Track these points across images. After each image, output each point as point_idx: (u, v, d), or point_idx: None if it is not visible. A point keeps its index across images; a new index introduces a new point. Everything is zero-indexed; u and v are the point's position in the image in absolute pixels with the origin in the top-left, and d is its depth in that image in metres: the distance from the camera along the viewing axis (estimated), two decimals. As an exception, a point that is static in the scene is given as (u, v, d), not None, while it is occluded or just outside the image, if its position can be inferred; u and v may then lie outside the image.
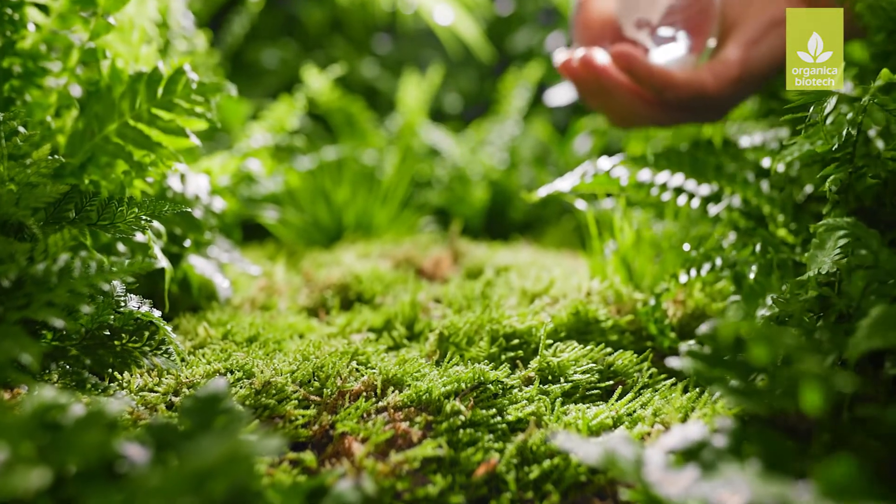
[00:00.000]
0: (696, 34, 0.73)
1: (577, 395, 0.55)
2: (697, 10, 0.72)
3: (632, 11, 0.73)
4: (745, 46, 0.71)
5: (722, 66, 0.70)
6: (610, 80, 0.72)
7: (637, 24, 0.73)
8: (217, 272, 0.74)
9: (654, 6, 0.72)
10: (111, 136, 0.63)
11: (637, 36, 0.73)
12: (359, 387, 0.55)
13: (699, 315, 0.66)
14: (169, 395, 0.54)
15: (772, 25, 0.71)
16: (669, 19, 0.72)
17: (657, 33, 0.72)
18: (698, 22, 0.72)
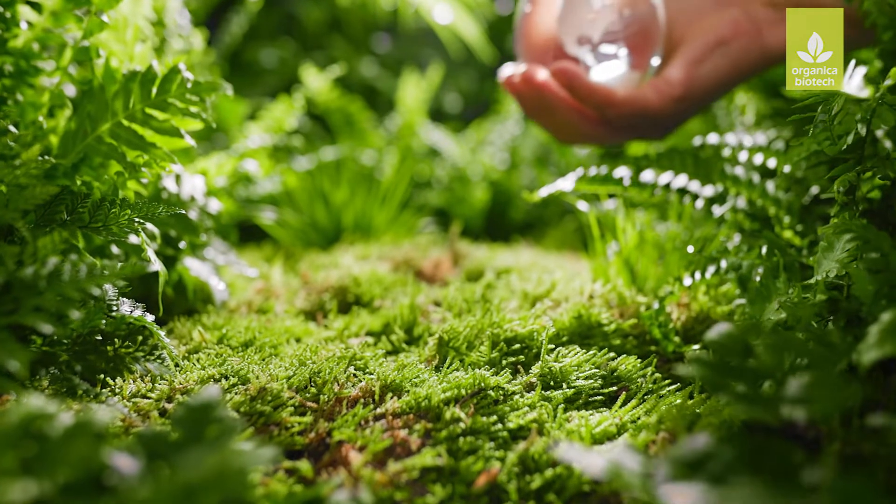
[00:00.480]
0: (638, 52, 0.72)
1: (579, 401, 0.54)
2: (639, 29, 0.71)
3: (573, 28, 0.72)
4: (689, 65, 0.70)
5: (665, 84, 0.70)
6: (551, 98, 0.71)
7: (578, 41, 0.72)
8: (213, 275, 0.73)
9: (595, 23, 0.71)
10: (104, 137, 0.62)
11: (578, 53, 0.72)
12: (357, 393, 0.54)
13: (703, 318, 0.65)
14: (162, 401, 0.52)
15: (717, 45, 0.71)
16: (610, 37, 0.71)
17: (598, 50, 0.72)
18: (640, 40, 0.72)
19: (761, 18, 0.72)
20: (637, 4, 0.72)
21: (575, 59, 0.72)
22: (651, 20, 0.72)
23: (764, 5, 0.72)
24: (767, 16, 0.72)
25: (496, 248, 1.00)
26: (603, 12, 0.71)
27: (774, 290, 0.60)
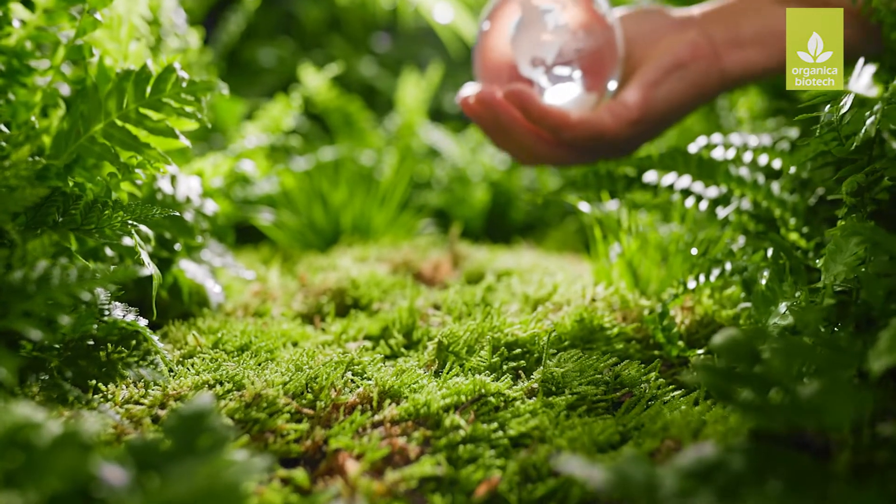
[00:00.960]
0: (594, 74, 0.71)
1: (582, 407, 0.52)
2: (595, 51, 0.71)
3: (527, 50, 0.71)
4: (645, 88, 0.70)
5: (621, 107, 0.69)
6: (506, 120, 0.70)
7: (532, 63, 0.71)
8: (209, 277, 0.72)
9: (550, 45, 0.71)
10: (97, 137, 0.61)
11: (532, 75, 0.71)
12: (354, 399, 0.52)
13: (708, 322, 0.64)
14: (155, 408, 0.51)
15: (674, 67, 0.70)
16: (565, 59, 0.71)
17: (552, 72, 0.71)
18: (596, 62, 0.71)
19: (720, 41, 0.71)
20: (592, 27, 0.71)
21: (529, 81, 0.71)
22: (607, 42, 0.71)
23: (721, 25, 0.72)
24: (726, 38, 0.71)
25: (496, 250, 0.99)
26: (557, 34, 0.71)
27: (780, 293, 0.59)
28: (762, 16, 0.71)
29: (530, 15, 0.72)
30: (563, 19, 0.71)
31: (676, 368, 0.59)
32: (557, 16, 0.71)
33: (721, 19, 0.72)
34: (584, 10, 0.71)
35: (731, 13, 0.72)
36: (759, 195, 0.68)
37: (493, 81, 0.73)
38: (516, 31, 0.72)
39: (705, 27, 0.72)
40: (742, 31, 0.71)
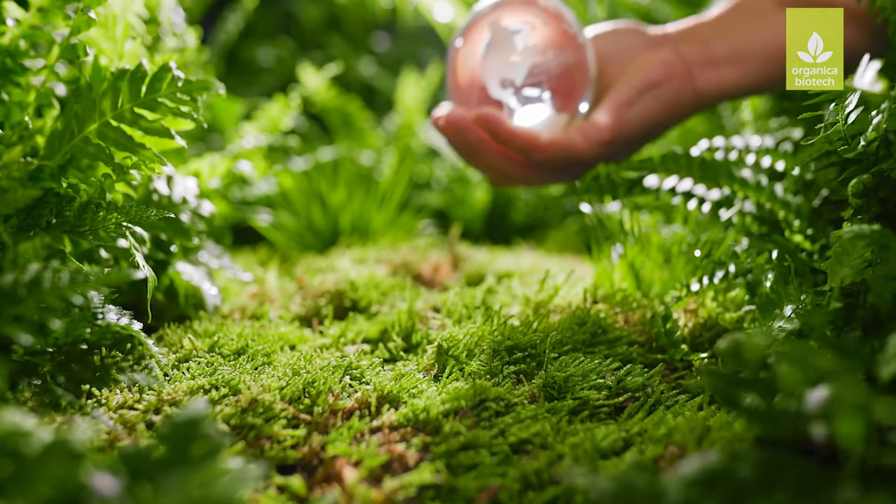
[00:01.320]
0: (565, 95, 0.71)
1: (584, 412, 0.51)
2: (565, 71, 0.70)
3: (496, 71, 0.70)
4: (617, 109, 0.69)
5: (592, 128, 0.69)
6: (475, 142, 0.70)
7: (501, 84, 0.70)
8: (205, 279, 0.71)
9: (518, 67, 0.70)
10: (91, 137, 0.60)
11: (501, 96, 0.71)
12: (352, 404, 0.51)
13: (712, 325, 0.63)
14: (149, 413, 0.50)
15: (647, 87, 0.69)
16: (534, 80, 0.70)
17: (522, 94, 0.70)
18: (566, 83, 0.70)
19: (693, 60, 0.71)
20: (562, 47, 0.70)
21: (499, 102, 0.71)
22: (577, 63, 0.71)
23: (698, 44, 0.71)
24: (700, 57, 0.71)
25: (497, 251, 0.98)
26: (526, 55, 0.70)
27: (785, 296, 0.58)
28: (737, 33, 0.71)
29: (499, 36, 0.71)
30: (531, 40, 0.70)
31: (680, 372, 0.58)
32: (526, 37, 0.70)
33: (695, 37, 0.72)
34: (555, 31, 0.71)
35: (706, 31, 0.72)
36: (762, 197, 0.67)
37: (463, 100, 0.73)
38: (485, 52, 0.71)
39: (679, 46, 0.71)
40: (716, 49, 0.70)
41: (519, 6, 0.72)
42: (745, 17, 0.71)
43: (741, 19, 0.71)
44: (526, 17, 0.71)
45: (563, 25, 0.71)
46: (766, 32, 0.70)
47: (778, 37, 0.68)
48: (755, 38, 0.70)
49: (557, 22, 0.71)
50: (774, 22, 0.69)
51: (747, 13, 0.71)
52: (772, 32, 0.69)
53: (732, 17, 0.71)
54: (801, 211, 0.67)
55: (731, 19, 0.71)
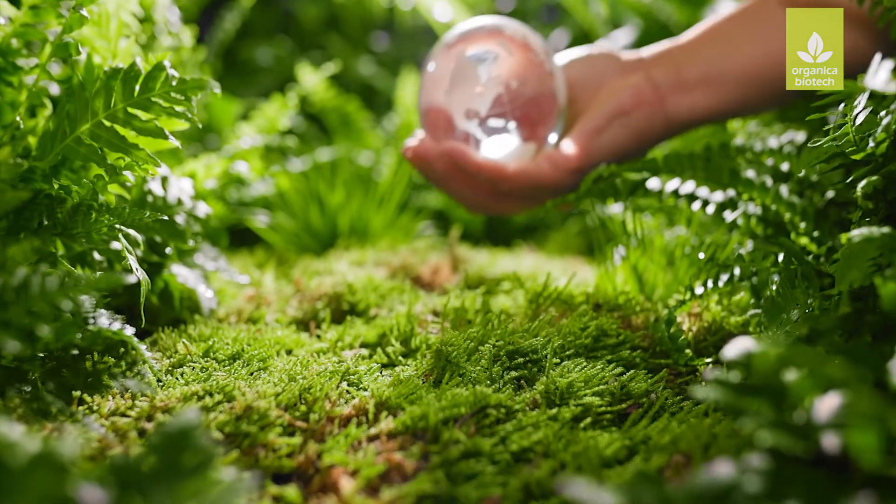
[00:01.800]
0: (531, 125, 0.70)
1: (586, 419, 0.50)
2: (530, 101, 0.69)
3: (460, 102, 0.70)
4: (586, 136, 0.69)
5: (561, 156, 0.69)
6: (444, 175, 0.70)
7: (466, 115, 0.70)
8: (201, 282, 0.70)
9: (482, 97, 0.69)
10: (84, 138, 0.58)
11: (467, 127, 0.70)
12: (349, 411, 0.50)
13: (716, 329, 0.62)
14: (142, 420, 0.49)
15: (616, 115, 0.69)
16: (498, 110, 0.69)
17: (487, 124, 0.70)
18: (533, 113, 0.70)
19: (664, 85, 0.70)
20: (528, 77, 0.70)
21: (465, 133, 0.70)
22: (544, 92, 0.70)
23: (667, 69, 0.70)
24: (671, 82, 0.70)
25: (497, 253, 0.97)
26: (490, 86, 0.69)
27: (792, 300, 0.57)
28: (709, 57, 0.70)
29: (463, 67, 0.70)
30: (495, 71, 0.70)
31: (684, 377, 0.57)
32: (490, 68, 0.70)
33: (667, 62, 0.71)
34: (520, 61, 0.70)
35: (678, 55, 0.71)
36: (766, 198, 0.66)
37: (432, 128, 0.72)
38: (449, 82, 0.71)
39: (651, 71, 0.71)
40: (687, 73, 0.70)
41: (484, 36, 0.71)
42: (719, 41, 0.70)
43: (714, 43, 0.70)
44: (490, 48, 0.70)
45: (528, 55, 0.70)
46: (738, 57, 0.69)
47: (751, 62, 0.69)
48: (728, 63, 0.69)
49: (523, 51, 0.70)
50: (748, 46, 0.69)
51: (721, 37, 0.71)
52: (745, 57, 0.69)
53: (705, 42, 0.71)
54: (807, 213, 0.66)
55: (704, 43, 0.71)
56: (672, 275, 0.70)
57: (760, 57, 0.69)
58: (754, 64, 0.69)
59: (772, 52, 0.68)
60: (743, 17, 0.70)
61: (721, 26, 0.71)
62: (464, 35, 0.72)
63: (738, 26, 0.70)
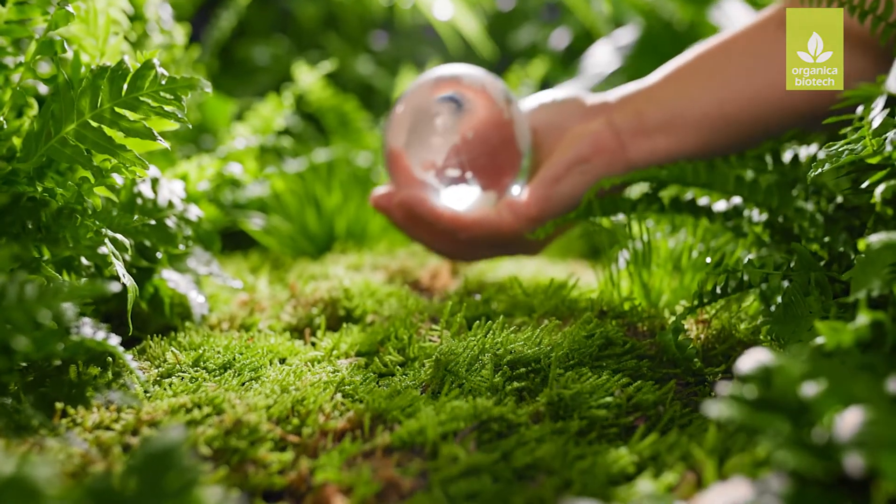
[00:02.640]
0: (488, 175, 0.69)
1: (592, 433, 0.48)
2: (486, 151, 0.68)
3: (417, 152, 0.69)
4: (546, 185, 0.68)
5: (521, 204, 0.68)
6: (405, 223, 0.70)
7: (423, 166, 0.69)
8: (192, 287, 0.67)
9: (439, 148, 0.68)
10: (69, 138, 0.56)
11: (425, 178, 0.69)
12: (344, 424, 0.48)
13: (725, 337, 0.60)
14: (127, 434, 0.47)
15: (576, 162, 0.68)
16: (454, 161, 0.68)
17: (444, 175, 0.69)
18: (489, 163, 0.69)
19: (626, 130, 0.69)
20: (485, 127, 0.69)
21: (423, 183, 0.70)
22: (503, 140, 0.69)
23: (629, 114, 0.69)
24: (632, 127, 0.69)
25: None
26: (446, 136, 0.68)
27: (805, 308, 0.55)
28: (671, 101, 0.69)
29: (420, 117, 0.69)
30: (452, 121, 0.69)
31: (693, 387, 0.55)
32: (446, 118, 0.69)
33: (630, 106, 0.70)
34: (478, 109, 0.69)
35: (642, 99, 0.70)
36: (773, 202, 0.64)
37: (394, 173, 0.72)
38: (408, 132, 0.70)
39: (613, 116, 0.70)
40: (649, 117, 0.69)
41: (442, 85, 0.70)
42: (682, 83, 0.70)
43: (677, 86, 0.69)
44: (447, 98, 0.69)
45: (487, 103, 0.70)
46: (700, 100, 0.68)
47: (712, 105, 0.68)
48: (689, 106, 0.68)
49: (481, 100, 0.70)
50: (709, 90, 0.68)
51: (684, 79, 0.70)
52: (706, 100, 0.68)
53: (669, 84, 0.70)
54: (815, 219, 0.63)
55: (667, 86, 0.70)
56: (678, 280, 0.67)
57: (722, 100, 0.68)
58: (716, 107, 0.68)
59: (734, 94, 0.68)
60: (709, 57, 0.69)
61: (686, 68, 0.70)
62: (422, 85, 0.72)
63: (701, 67, 0.69)
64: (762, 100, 0.67)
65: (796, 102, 0.66)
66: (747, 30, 0.68)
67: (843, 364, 0.43)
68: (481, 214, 0.69)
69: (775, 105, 0.67)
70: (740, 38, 0.68)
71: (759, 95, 0.66)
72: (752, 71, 0.67)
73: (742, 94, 0.67)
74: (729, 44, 0.69)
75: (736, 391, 0.37)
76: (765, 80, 0.66)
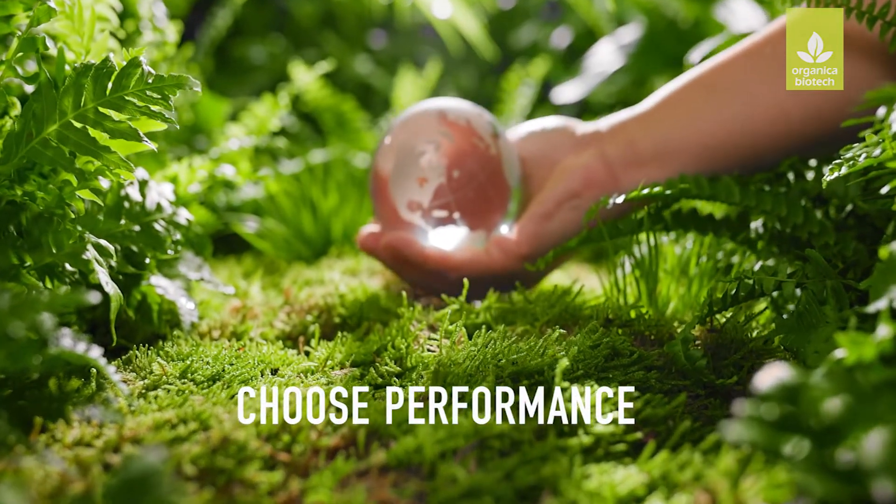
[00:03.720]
0: (476, 214, 0.67)
1: (599, 450, 0.46)
2: (473, 189, 0.67)
3: (402, 192, 0.67)
4: (536, 221, 0.67)
5: (511, 242, 0.67)
6: (393, 263, 0.69)
7: (408, 207, 0.67)
8: (182, 294, 0.65)
9: (424, 189, 0.67)
10: (51, 140, 0.54)
11: (411, 219, 0.67)
12: (337, 441, 0.46)
13: (737, 347, 0.57)
14: (108, 452, 0.44)
15: (567, 198, 0.67)
16: (440, 201, 0.66)
17: (431, 215, 0.67)
18: (476, 201, 0.67)
19: (617, 161, 0.67)
20: (471, 164, 0.67)
21: (409, 224, 0.68)
22: (489, 178, 0.67)
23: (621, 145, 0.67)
24: (624, 158, 0.67)
25: (498, 260, 0.92)
26: (431, 175, 0.66)
27: (821, 317, 0.53)
28: (663, 130, 0.66)
29: (404, 157, 0.67)
30: (437, 161, 0.67)
31: (703, 400, 0.53)
32: (431, 157, 0.66)
33: (622, 135, 0.68)
34: (463, 147, 0.67)
35: (634, 128, 0.68)
36: (782, 210, 0.62)
37: (381, 212, 0.70)
38: (392, 172, 0.68)
39: (604, 146, 0.68)
40: (641, 147, 0.67)
41: (426, 123, 0.68)
42: (676, 109, 0.67)
43: (669, 114, 0.67)
44: (431, 136, 0.67)
45: (472, 140, 0.67)
46: (692, 129, 0.66)
47: (705, 134, 0.65)
48: (681, 135, 0.66)
49: (467, 137, 0.67)
50: (704, 116, 0.66)
51: (679, 105, 0.67)
52: (702, 127, 0.66)
53: (661, 113, 0.67)
54: (825, 225, 0.61)
55: (660, 115, 0.67)
56: (685, 287, 0.65)
57: (717, 127, 0.65)
58: (710, 135, 0.65)
59: (728, 121, 0.65)
60: (705, 80, 0.67)
61: (680, 93, 0.67)
62: (405, 122, 0.69)
63: (697, 92, 0.67)
64: (762, 125, 0.64)
65: (799, 127, 0.63)
66: (745, 51, 0.66)
67: (866, 379, 0.41)
68: (471, 254, 0.67)
69: (776, 130, 0.64)
70: (738, 60, 0.65)
71: (758, 120, 0.64)
72: (750, 95, 0.64)
73: (740, 119, 0.64)
74: (726, 66, 0.66)
75: (755, 411, 0.35)
76: (765, 104, 0.64)
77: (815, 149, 0.64)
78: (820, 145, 0.64)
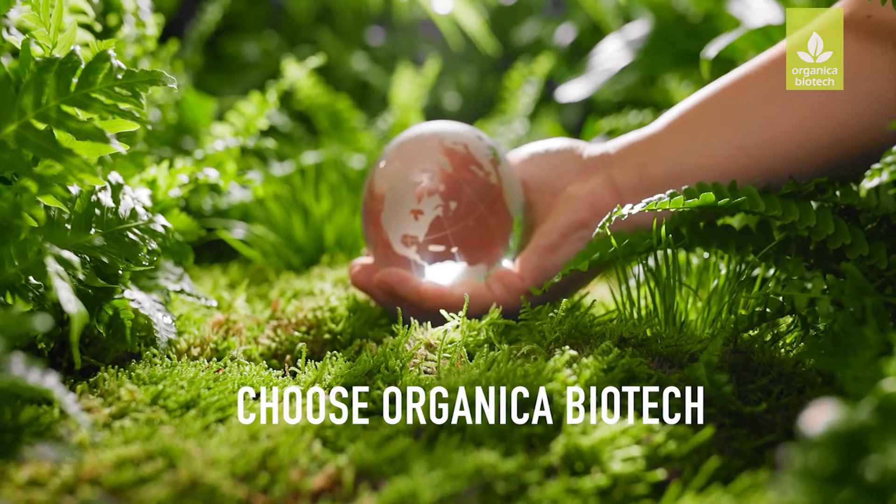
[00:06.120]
0: (475, 247, 0.63)
1: (616, 492, 0.41)
2: (471, 222, 0.62)
3: (397, 226, 0.63)
4: (541, 254, 0.63)
5: (514, 277, 0.63)
6: (386, 300, 0.64)
7: (403, 242, 0.62)
8: (158, 308, 0.60)
9: (419, 221, 0.62)
10: (9, 142, 0.49)
11: (406, 253, 0.62)
12: (322, 482, 0.41)
13: (765, 370, 0.52)
14: (63, 494, 0.39)
15: (573, 228, 0.63)
16: (436, 235, 0.62)
17: (427, 250, 0.62)
18: (475, 234, 0.62)
19: (626, 187, 0.63)
20: (469, 195, 0.62)
21: (405, 259, 0.63)
22: (489, 207, 0.62)
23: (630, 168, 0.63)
24: (633, 184, 0.63)
25: (501, 268, 0.87)
26: (426, 207, 0.62)
27: (861, 339, 0.47)
28: (673, 155, 0.62)
29: (397, 186, 0.63)
30: (432, 191, 0.62)
31: (730, 430, 0.47)
32: (426, 187, 0.62)
33: (631, 160, 0.63)
34: (461, 176, 0.62)
35: (644, 152, 0.63)
36: (811, 220, 0.57)
37: (374, 244, 0.65)
38: (385, 204, 0.63)
39: (612, 172, 0.63)
40: (651, 173, 0.62)
41: (422, 148, 0.63)
42: (689, 131, 0.62)
43: (680, 139, 0.62)
44: (426, 165, 0.62)
45: (470, 168, 0.62)
46: (703, 153, 0.61)
47: (716, 159, 0.61)
48: (692, 161, 0.61)
49: (464, 165, 0.62)
50: (717, 139, 0.61)
51: (692, 127, 0.62)
52: (716, 151, 0.61)
53: (674, 133, 0.63)
54: (859, 236, 0.56)
55: (670, 139, 0.63)
56: (705, 302, 0.60)
57: (731, 150, 0.61)
58: (724, 157, 0.61)
59: (744, 143, 0.61)
60: (719, 99, 0.62)
61: (693, 113, 0.63)
62: (399, 148, 0.65)
63: (711, 112, 0.62)
64: (783, 147, 0.59)
65: (824, 149, 0.59)
66: (762, 66, 0.61)
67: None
68: (470, 290, 0.62)
69: (799, 153, 0.59)
70: (753, 77, 0.61)
71: (778, 142, 0.59)
72: (769, 115, 0.59)
73: (758, 142, 0.59)
74: (741, 85, 0.61)
75: (806, 464, 0.29)
76: (786, 125, 0.59)
77: (843, 170, 0.59)
78: (847, 167, 0.59)
